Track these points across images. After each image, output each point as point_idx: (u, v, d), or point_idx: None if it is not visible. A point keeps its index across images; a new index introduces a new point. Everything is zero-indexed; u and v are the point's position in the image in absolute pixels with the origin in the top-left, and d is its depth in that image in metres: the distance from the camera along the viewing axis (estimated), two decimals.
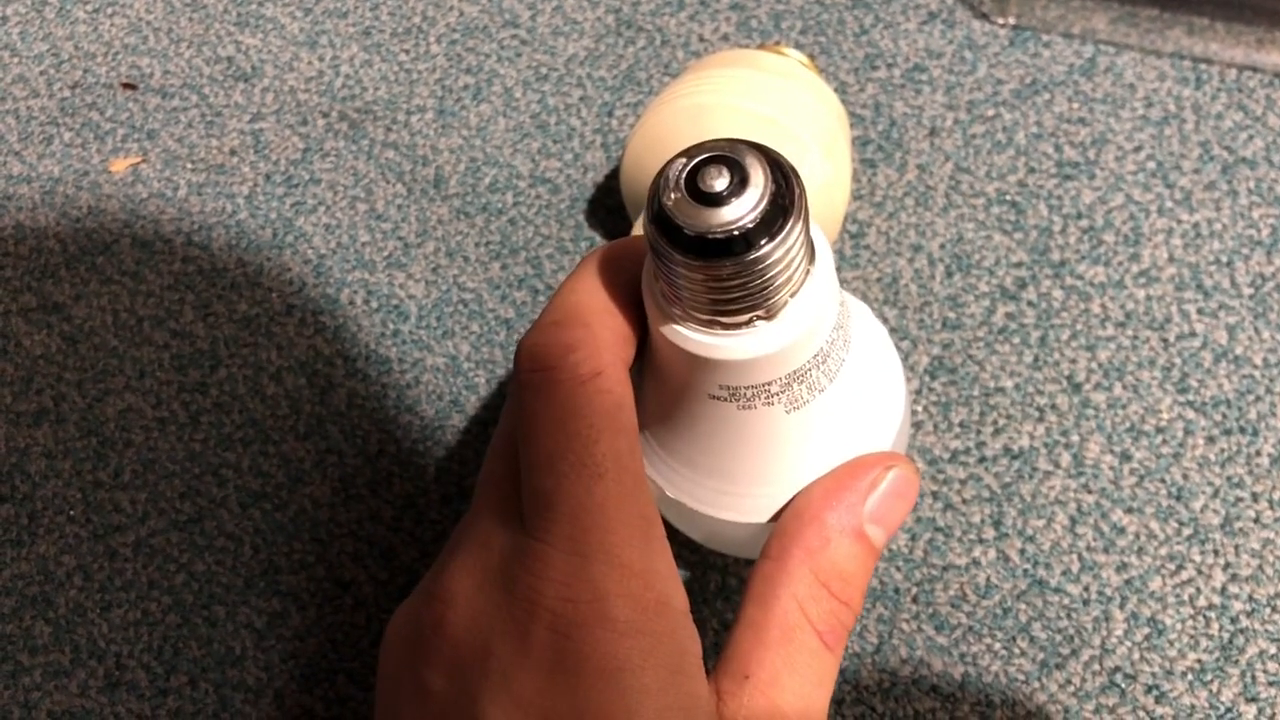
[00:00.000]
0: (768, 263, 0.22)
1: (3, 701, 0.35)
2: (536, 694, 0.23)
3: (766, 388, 0.24)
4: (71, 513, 0.38)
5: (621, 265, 0.25)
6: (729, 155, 0.22)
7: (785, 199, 0.22)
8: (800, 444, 0.25)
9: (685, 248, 0.21)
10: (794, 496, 0.26)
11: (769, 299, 0.22)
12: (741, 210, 0.21)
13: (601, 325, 0.24)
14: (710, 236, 0.21)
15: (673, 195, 0.21)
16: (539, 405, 0.23)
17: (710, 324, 0.23)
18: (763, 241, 0.21)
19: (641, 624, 0.22)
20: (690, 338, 0.23)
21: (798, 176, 0.22)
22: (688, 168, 0.22)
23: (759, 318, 0.23)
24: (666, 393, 0.25)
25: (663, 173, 0.22)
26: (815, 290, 0.23)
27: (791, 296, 0.23)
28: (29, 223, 0.44)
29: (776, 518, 0.26)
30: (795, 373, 0.24)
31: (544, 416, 0.23)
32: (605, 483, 0.23)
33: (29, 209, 0.44)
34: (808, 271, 0.23)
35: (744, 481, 0.26)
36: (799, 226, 0.22)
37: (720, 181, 0.21)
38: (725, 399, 0.24)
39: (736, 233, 0.21)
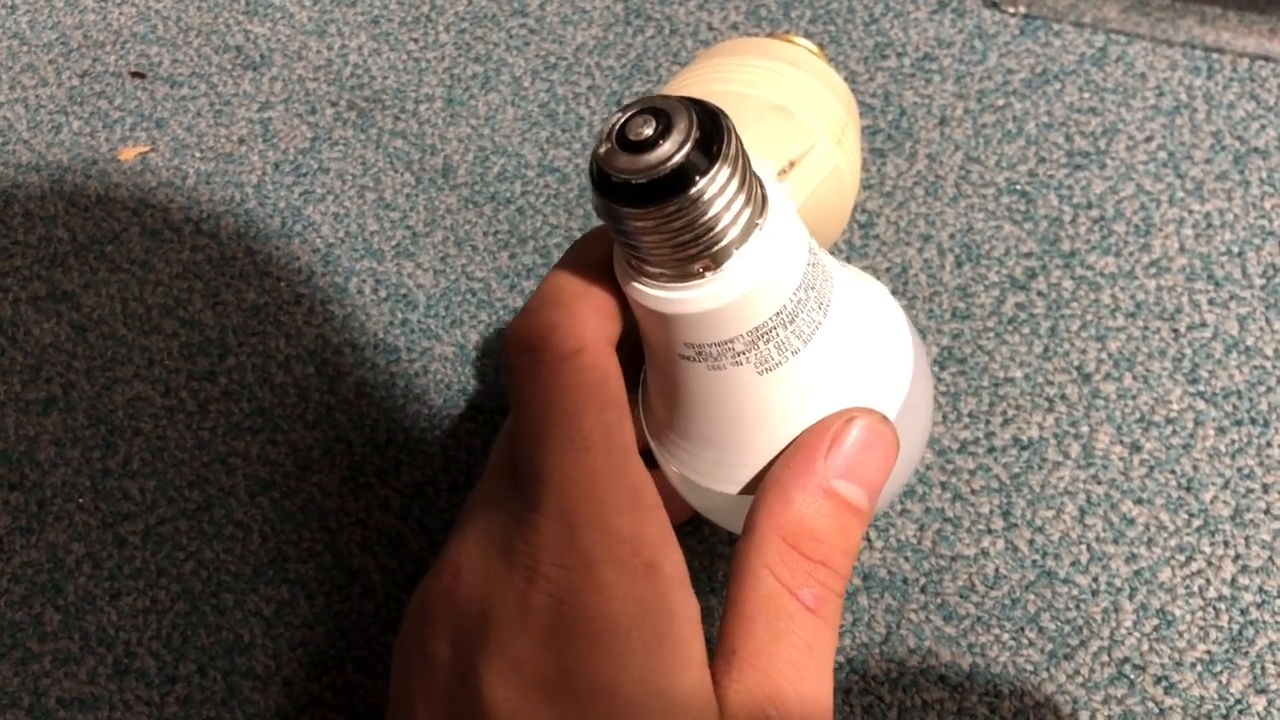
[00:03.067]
0: (699, 205, 0.22)
1: (13, 688, 0.35)
2: (530, 657, 0.23)
3: (730, 345, 0.24)
4: (80, 500, 0.38)
5: (599, 246, 0.25)
6: (656, 106, 0.22)
7: (714, 143, 0.22)
8: (778, 408, 0.25)
9: (617, 196, 0.22)
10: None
11: (711, 247, 0.22)
12: (665, 153, 0.21)
13: (580, 305, 0.24)
14: (635, 182, 0.22)
15: (604, 147, 0.22)
16: (526, 385, 0.24)
17: (661, 278, 0.23)
18: (692, 181, 0.22)
19: (628, 589, 0.23)
20: (645, 292, 0.23)
21: (729, 122, 0.22)
22: (620, 122, 0.22)
23: (706, 269, 0.23)
24: (651, 360, 0.26)
25: (601, 130, 0.23)
26: (765, 243, 0.23)
27: (736, 249, 0.23)
28: (38, 211, 0.44)
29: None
30: (757, 330, 0.23)
31: (531, 396, 0.24)
32: (593, 454, 0.23)
33: (38, 197, 0.44)
34: (755, 225, 0.23)
35: (731, 450, 0.26)
36: (727, 169, 0.22)
37: (646, 129, 0.22)
38: (694, 359, 0.24)
39: (662, 175, 0.21)
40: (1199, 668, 0.32)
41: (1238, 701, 0.32)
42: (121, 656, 0.35)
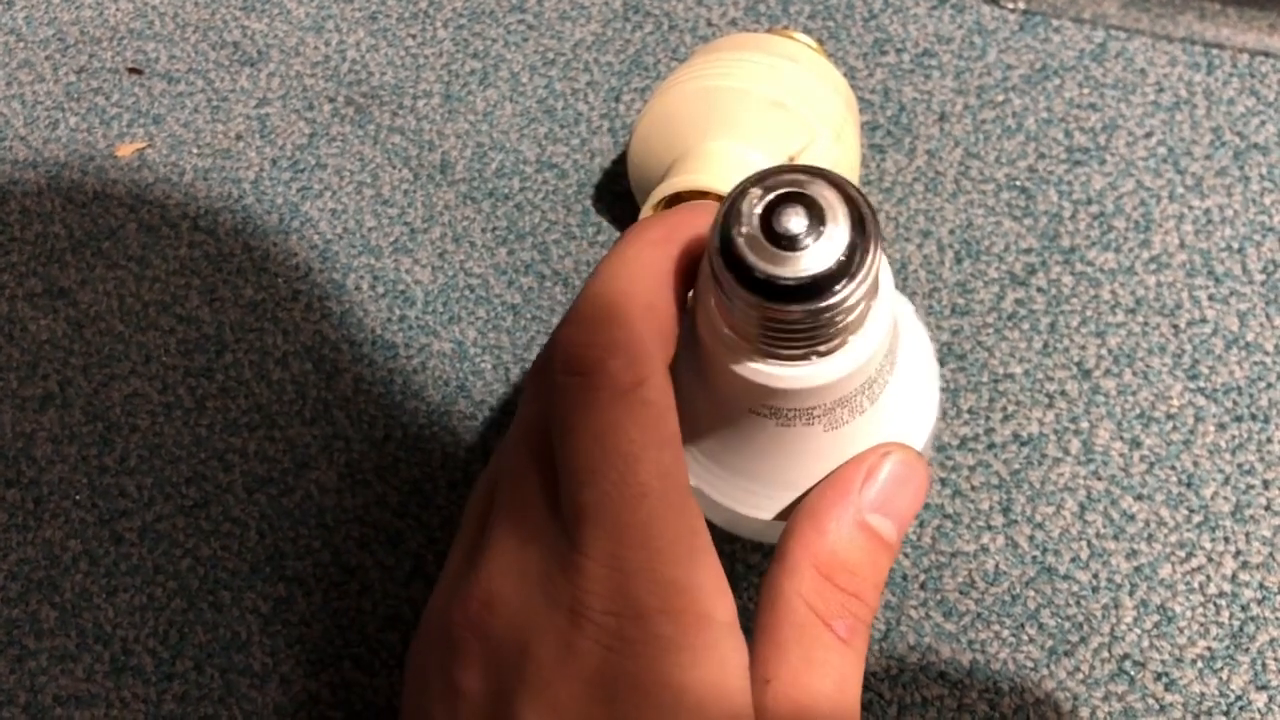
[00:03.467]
0: (837, 310, 0.21)
1: (9, 686, 0.35)
2: (574, 703, 0.22)
3: (810, 410, 0.23)
4: (77, 497, 0.38)
5: (665, 253, 0.23)
6: (807, 194, 0.20)
7: (864, 249, 0.20)
8: (832, 459, 0.25)
9: (752, 288, 0.20)
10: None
11: (830, 339, 0.21)
12: (818, 260, 0.20)
13: (644, 324, 0.22)
14: (781, 283, 0.20)
15: (744, 230, 0.20)
16: (577, 415, 0.22)
17: (761, 353, 0.22)
18: (835, 289, 0.20)
19: (683, 640, 0.22)
20: (745, 362, 0.22)
21: (875, 216, 0.21)
22: (763, 202, 0.20)
23: (815, 353, 0.22)
24: (701, 396, 0.24)
25: (734, 203, 0.20)
26: (875, 326, 0.22)
27: (851, 335, 0.22)
28: (35, 207, 0.44)
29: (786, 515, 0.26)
30: (841, 399, 0.23)
31: (583, 428, 0.22)
32: (649, 501, 0.22)
33: (34, 194, 0.44)
34: (869, 310, 0.22)
35: (766, 483, 0.26)
36: (873, 272, 0.21)
37: (797, 223, 0.20)
38: (766, 415, 0.23)
39: (809, 282, 0.20)
40: (1199, 664, 0.32)
41: (1238, 698, 0.32)
42: (118, 654, 0.35)
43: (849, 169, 0.36)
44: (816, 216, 0.20)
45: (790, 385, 0.22)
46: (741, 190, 0.21)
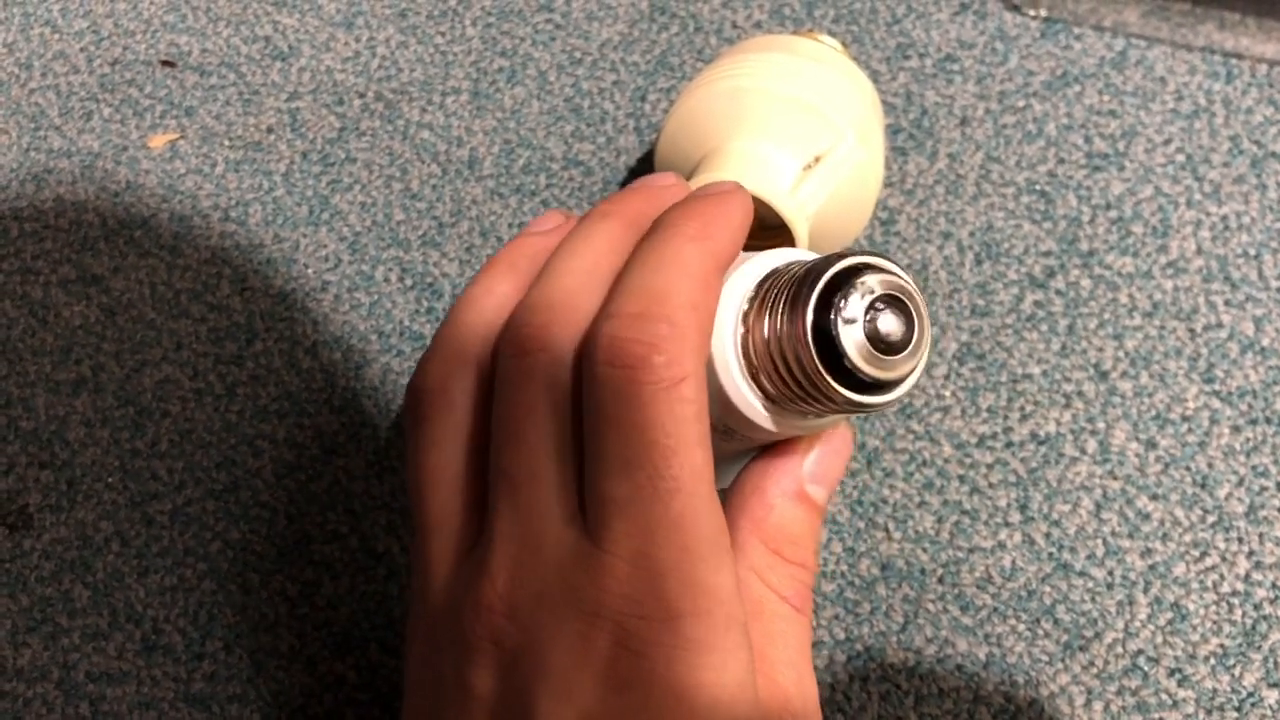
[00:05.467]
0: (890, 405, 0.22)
1: (42, 662, 0.35)
2: (598, 703, 0.22)
3: (758, 435, 0.24)
4: (109, 480, 0.38)
5: (704, 250, 0.23)
6: (904, 302, 0.21)
7: (930, 346, 0.23)
8: (750, 456, 0.26)
9: (846, 381, 0.21)
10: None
11: (870, 415, 0.23)
12: (909, 368, 0.21)
13: (689, 323, 0.22)
14: (869, 380, 0.21)
15: (850, 330, 0.21)
16: (617, 407, 0.22)
17: (798, 413, 0.23)
18: (913, 386, 0.22)
19: (713, 642, 0.22)
20: (756, 407, 0.23)
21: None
22: (872, 299, 0.21)
23: (821, 413, 0.23)
24: None
25: (841, 292, 0.21)
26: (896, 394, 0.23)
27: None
28: (69, 196, 0.44)
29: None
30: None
31: (622, 420, 0.22)
32: (681, 498, 0.22)
33: (69, 183, 0.45)
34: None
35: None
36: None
37: (900, 329, 0.21)
38: (723, 430, 0.24)
39: (896, 385, 0.22)
40: (1212, 661, 0.33)
41: (1250, 694, 0.32)
42: (149, 633, 0.36)
43: (874, 171, 0.37)
44: (911, 322, 0.21)
45: (783, 434, 0.24)
46: (848, 274, 0.21)
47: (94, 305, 0.42)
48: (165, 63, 0.48)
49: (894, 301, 0.21)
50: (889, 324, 0.21)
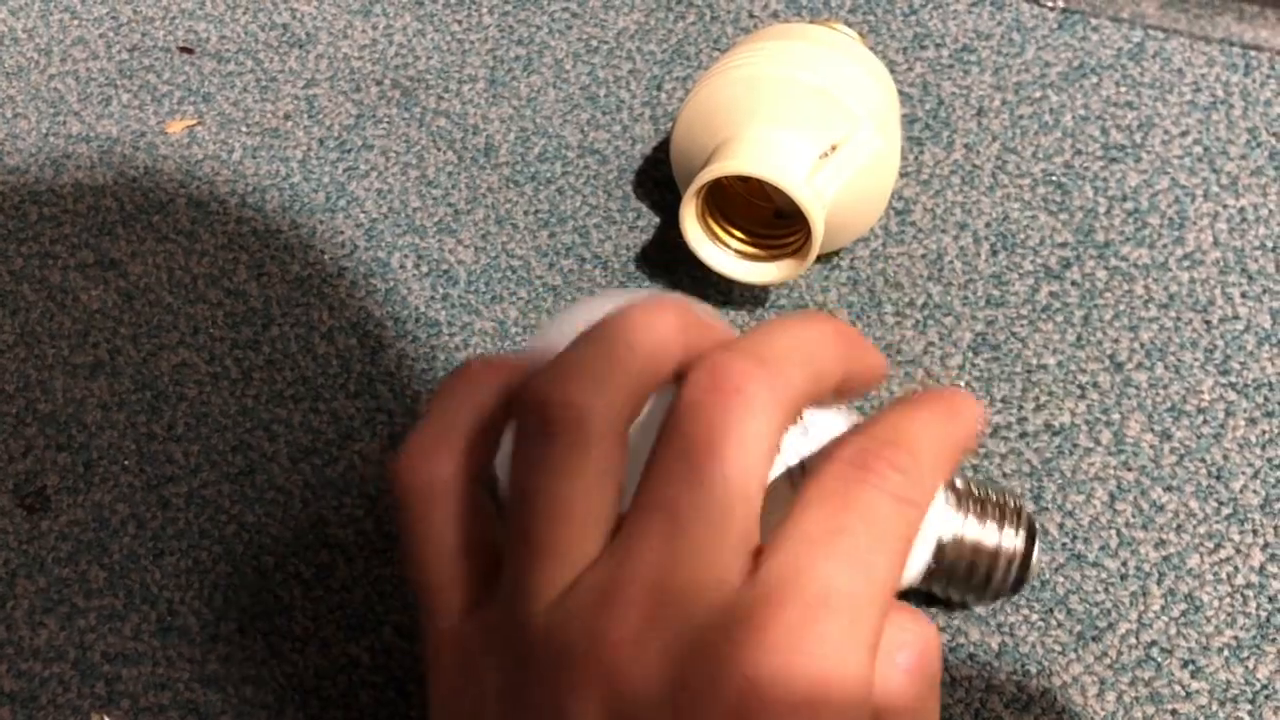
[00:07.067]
0: None
1: (59, 642, 0.36)
2: None
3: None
4: (126, 463, 0.39)
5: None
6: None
7: None
8: None
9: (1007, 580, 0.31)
10: None
11: None
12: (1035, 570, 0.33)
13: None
14: (1015, 579, 0.32)
15: (1029, 549, 0.31)
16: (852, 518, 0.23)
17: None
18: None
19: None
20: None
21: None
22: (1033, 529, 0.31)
23: None
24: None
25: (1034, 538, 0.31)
26: None
27: None
28: (87, 181, 0.45)
29: None
30: None
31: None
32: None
33: (87, 168, 0.45)
34: None
35: None
36: None
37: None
38: None
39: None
40: (1225, 652, 0.33)
41: (1264, 686, 0.32)
42: (165, 614, 0.36)
43: (890, 160, 0.37)
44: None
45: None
46: (1032, 525, 0.31)
47: (112, 289, 0.42)
48: (183, 49, 0.48)
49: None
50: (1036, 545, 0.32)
